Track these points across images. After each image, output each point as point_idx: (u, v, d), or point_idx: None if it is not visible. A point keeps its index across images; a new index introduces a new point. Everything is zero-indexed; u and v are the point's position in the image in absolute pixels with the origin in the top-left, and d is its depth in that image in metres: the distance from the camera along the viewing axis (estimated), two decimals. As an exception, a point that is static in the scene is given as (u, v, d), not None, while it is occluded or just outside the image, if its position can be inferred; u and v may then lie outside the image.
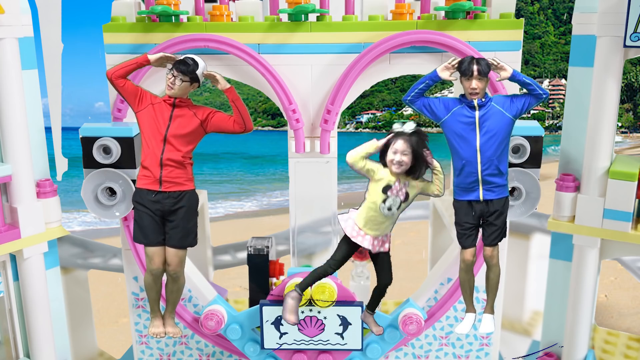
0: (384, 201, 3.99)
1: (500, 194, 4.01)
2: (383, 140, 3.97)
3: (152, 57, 4.09)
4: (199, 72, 4.07)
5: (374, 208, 4.01)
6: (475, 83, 3.86)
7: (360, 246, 4.08)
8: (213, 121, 4.14)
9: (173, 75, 4.04)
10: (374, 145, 3.99)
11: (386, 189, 3.98)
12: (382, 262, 4.22)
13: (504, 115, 3.93)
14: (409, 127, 3.93)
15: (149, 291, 4.31)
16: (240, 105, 4.11)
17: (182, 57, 4.08)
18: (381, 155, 4.00)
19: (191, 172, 4.20)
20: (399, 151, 3.91)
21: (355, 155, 3.98)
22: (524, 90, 3.99)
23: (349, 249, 4.14)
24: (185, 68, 4.03)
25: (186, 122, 4.09)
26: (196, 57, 4.09)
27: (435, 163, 4.01)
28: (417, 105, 4.07)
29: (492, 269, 4.16)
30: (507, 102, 3.96)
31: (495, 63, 3.91)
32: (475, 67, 3.84)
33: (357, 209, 4.09)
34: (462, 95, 3.97)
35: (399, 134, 3.92)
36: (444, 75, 3.96)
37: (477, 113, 3.92)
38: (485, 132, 3.91)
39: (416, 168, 3.95)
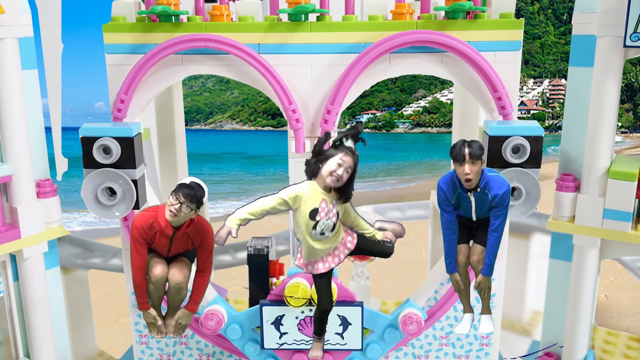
0: (315, 227, 3.72)
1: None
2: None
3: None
4: (205, 199, 3.97)
5: (307, 237, 3.76)
6: (468, 167, 3.75)
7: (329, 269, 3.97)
8: (198, 253, 4.17)
9: (179, 202, 3.84)
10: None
11: (313, 213, 3.69)
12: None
13: (489, 200, 3.94)
14: (352, 143, 3.66)
15: (151, 297, 4.28)
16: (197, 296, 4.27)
17: (185, 181, 3.90)
18: (311, 162, 3.68)
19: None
20: (344, 166, 3.59)
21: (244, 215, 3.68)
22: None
23: (324, 278, 4.01)
24: (193, 192, 3.83)
25: (184, 246, 4.14)
26: (198, 181, 3.95)
27: (390, 236, 3.99)
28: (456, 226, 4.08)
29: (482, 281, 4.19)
30: (495, 194, 3.89)
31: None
32: (466, 151, 3.73)
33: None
34: (457, 179, 3.89)
35: (348, 149, 3.62)
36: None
37: (472, 200, 3.94)
38: (478, 210, 3.98)
39: (348, 189, 3.71)
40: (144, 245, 4.05)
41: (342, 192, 3.73)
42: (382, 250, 4.11)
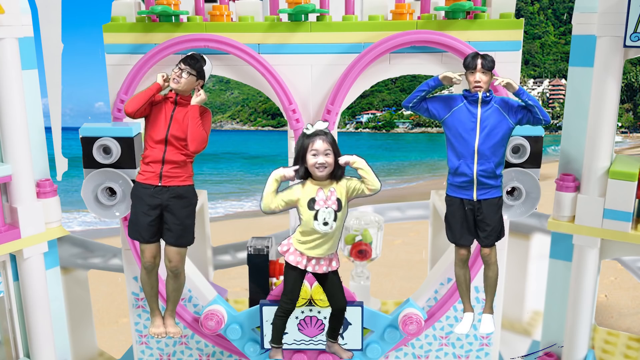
0: (316, 217, 3.77)
1: (494, 194, 4.02)
2: (289, 169, 3.79)
3: (161, 81, 4.12)
4: (206, 68, 4.10)
5: (309, 229, 3.82)
6: (479, 76, 3.89)
7: (307, 272, 3.96)
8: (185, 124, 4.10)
9: (180, 69, 4.05)
10: (278, 173, 3.77)
11: (311, 203, 3.77)
12: (331, 284, 4.07)
13: (504, 118, 3.95)
14: (321, 125, 3.78)
15: (144, 286, 4.34)
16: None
17: (190, 53, 4.11)
18: (298, 168, 3.79)
19: (191, 170, 4.22)
20: (321, 152, 3.70)
21: (266, 199, 3.75)
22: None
23: (297, 276, 4.00)
24: (193, 62, 4.06)
25: (184, 125, 4.08)
26: (204, 56, 4.13)
27: (355, 158, 3.73)
28: (417, 109, 4.07)
29: (490, 268, 4.17)
30: (508, 107, 3.98)
31: (502, 81, 3.89)
32: (479, 61, 3.88)
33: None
34: (466, 90, 3.99)
35: (314, 135, 3.74)
36: (446, 81, 3.97)
37: (479, 111, 3.94)
38: (485, 133, 3.93)
39: (336, 168, 3.78)
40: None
41: (334, 171, 3.80)
42: (333, 303, 4.16)
